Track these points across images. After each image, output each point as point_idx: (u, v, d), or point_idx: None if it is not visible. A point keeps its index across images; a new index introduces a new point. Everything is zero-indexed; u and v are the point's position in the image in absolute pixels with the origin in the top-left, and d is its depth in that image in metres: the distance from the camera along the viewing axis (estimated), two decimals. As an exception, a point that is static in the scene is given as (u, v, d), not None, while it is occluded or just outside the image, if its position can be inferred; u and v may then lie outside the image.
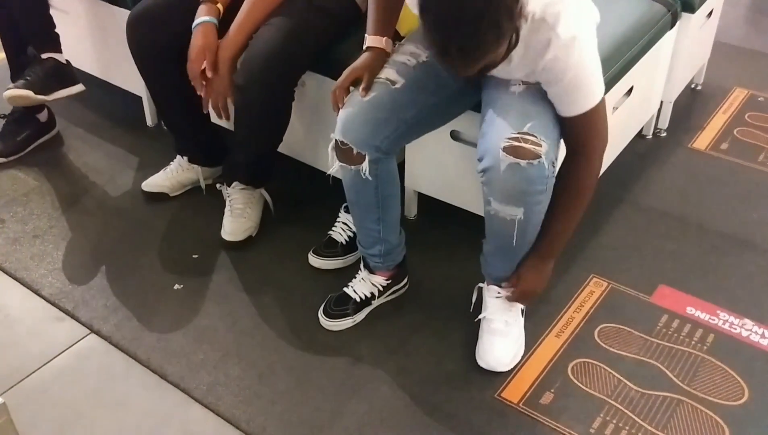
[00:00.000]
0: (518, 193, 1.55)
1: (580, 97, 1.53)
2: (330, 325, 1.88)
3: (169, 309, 1.95)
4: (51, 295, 1.98)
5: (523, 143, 1.50)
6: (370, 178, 1.69)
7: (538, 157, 1.50)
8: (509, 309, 1.79)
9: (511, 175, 1.52)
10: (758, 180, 2.37)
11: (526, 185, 1.54)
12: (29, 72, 2.30)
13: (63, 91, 2.36)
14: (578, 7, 1.48)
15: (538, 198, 1.57)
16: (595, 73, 1.53)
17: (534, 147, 1.50)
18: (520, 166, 1.51)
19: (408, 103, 1.68)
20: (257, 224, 2.15)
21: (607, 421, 1.66)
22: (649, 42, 2.12)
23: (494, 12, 1.28)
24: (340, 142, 1.68)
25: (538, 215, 1.61)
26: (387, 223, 1.81)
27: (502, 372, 1.76)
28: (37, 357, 1.82)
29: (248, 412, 1.69)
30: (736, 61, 2.99)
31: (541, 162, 1.51)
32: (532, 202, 1.57)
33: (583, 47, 1.48)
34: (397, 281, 1.93)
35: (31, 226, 2.20)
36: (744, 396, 1.71)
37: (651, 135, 2.56)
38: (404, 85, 1.67)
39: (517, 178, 1.52)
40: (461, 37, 1.30)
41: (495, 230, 1.66)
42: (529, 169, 1.51)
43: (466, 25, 1.29)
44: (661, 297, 1.96)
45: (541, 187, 1.55)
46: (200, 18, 1.93)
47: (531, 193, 1.55)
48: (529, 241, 1.68)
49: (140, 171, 2.39)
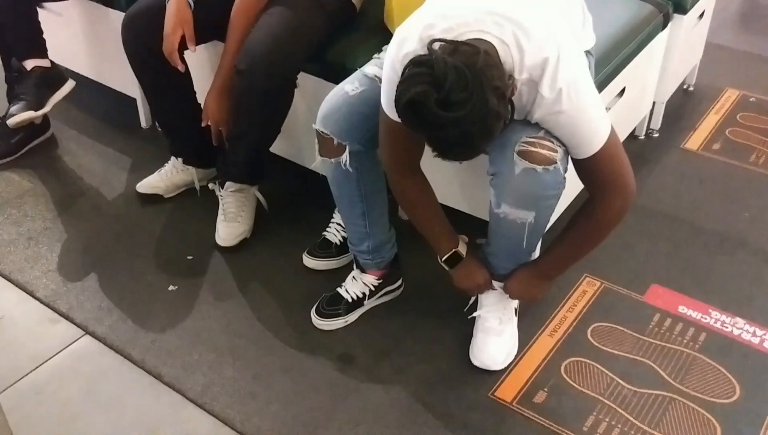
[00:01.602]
0: (532, 198, 1.52)
1: (584, 141, 1.47)
2: (322, 325, 1.89)
3: (164, 310, 1.95)
4: (45, 297, 1.98)
5: (539, 148, 1.46)
6: (350, 171, 1.71)
7: (554, 163, 1.46)
8: (503, 307, 1.80)
9: (525, 179, 1.48)
10: (750, 180, 2.38)
11: (541, 190, 1.50)
12: (21, 91, 2.32)
13: (57, 96, 2.37)
14: (563, 52, 1.38)
15: (550, 202, 1.55)
16: (595, 113, 1.47)
17: (550, 152, 1.46)
18: (536, 172, 1.46)
19: None
20: (251, 227, 2.16)
21: (600, 419, 1.67)
22: (642, 43, 2.13)
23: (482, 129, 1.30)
24: (320, 132, 1.70)
25: (548, 218, 1.60)
26: (372, 218, 1.81)
27: (496, 371, 1.77)
28: (32, 358, 1.82)
29: (243, 412, 1.69)
30: (727, 62, 3.01)
31: (556, 168, 1.47)
32: (545, 206, 1.55)
33: (573, 95, 1.40)
34: (389, 282, 1.93)
35: (26, 228, 2.21)
36: (735, 394, 1.73)
37: (643, 135, 2.57)
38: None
39: (531, 183, 1.48)
40: (459, 153, 1.35)
41: (503, 232, 1.63)
42: (545, 174, 1.47)
43: (459, 140, 1.31)
44: (654, 296, 1.97)
45: (555, 191, 1.52)
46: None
47: (545, 198, 1.53)
48: (536, 241, 1.68)
49: (134, 172, 2.40)
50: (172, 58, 1.98)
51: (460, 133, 1.28)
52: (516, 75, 1.37)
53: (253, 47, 1.90)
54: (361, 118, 1.68)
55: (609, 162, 1.50)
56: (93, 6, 2.45)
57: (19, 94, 2.32)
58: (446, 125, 1.27)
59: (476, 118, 1.27)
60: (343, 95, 1.68)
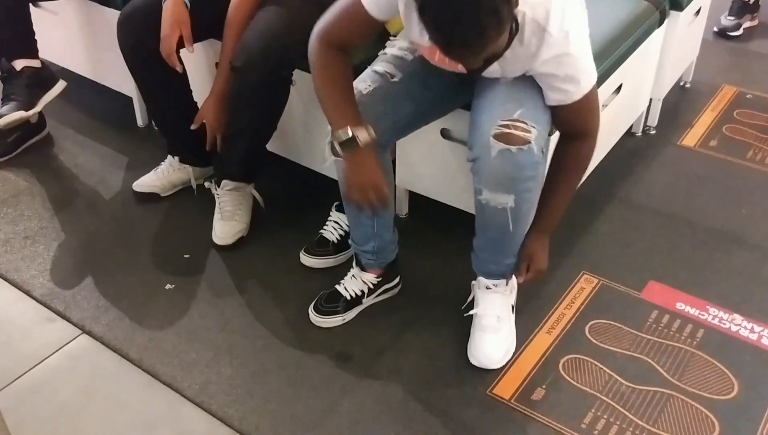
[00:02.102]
0: (508, 180, 1.57)
1: (580, 84, 1.55)
2: (320, 322, 1.88)
3: (161, 309, 1.95)
4: (42, 296, 1.97)
5: (513, 130, 1.53)
6: None
7: (528, 143, 1.53)
8: (501, 305, 1.80)
9: (501, 161, 1.54)
10: (747, 176, 2.39)
11: (517, 171, 1.55)
12: (11, 91, 2.32)
13: (47, 96, 2.37)
14: (565, 2, 1.48)
15: (528, 184, 1.58)
16: (589, 60, 1.55)
17: (524, 133, 1.52)
18: (511, 152, 1.53)
19: (406, 96, 1.69)
20: (248, 225, 2.15)
21: (598, 416, 1.67)
22: (638, 40, 2.13)
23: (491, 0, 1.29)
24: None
25: (528, 204, 1.63)
26: (381, 219, 1.81)
27: (494, 369, 1.77)
28: (29, 358, 1.81)
29: (241, 410, 1.69)
30: (724, 59, 3.01)
31: (530, 147, 1.53)
32: (522, 189, 1.59)
33: (577, 40, 1.50)
34: (387, 280, 1.93)
35: (22, 227, 2.20)
36: (734, 390, 1.73)
37: (640, 132, 2.57)
38: (402, 78, 1.69)
39: (507, 165, 1.54)
40: (463, 29, 1.30)
41: (486, 222, 1.67)
42: (519, 154, 1.53)
43: (466, 17, 1.28)
44: (652, 293, 1.97)
45: (531, 172, 1.57)
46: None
47: (521, 180, 1.57)
48: (520, 232, 1.69)
49: (131, 171, 2.39)
50: (170, 60, 1.97)
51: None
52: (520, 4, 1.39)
53: (249, 44, 1.90)
54: (378, 117, 1.66)
55: (593, 104, 1.59)
56: (89, 4, 2.44)
57: (9, 95, 2.31)
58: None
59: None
60: (359, 95, 1.66)
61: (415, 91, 1.70)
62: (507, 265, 1.77)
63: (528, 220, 1.68)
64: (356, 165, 1.61)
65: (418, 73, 1.69)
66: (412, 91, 1.69)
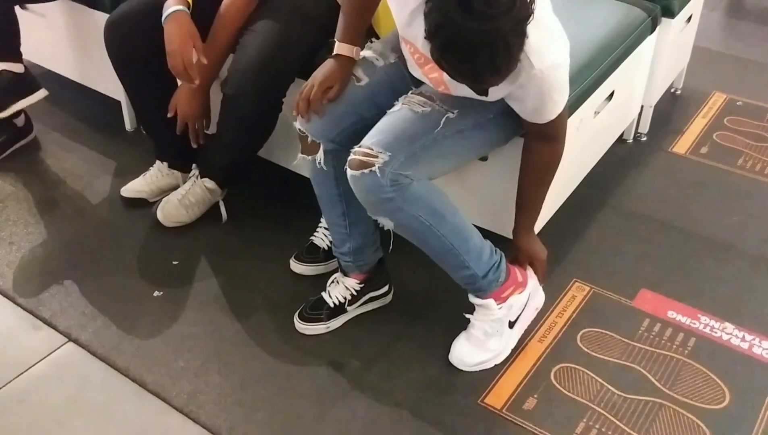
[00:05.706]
0: (368, 203, 1.62)
1: (548, 111, 1.59)
2: (304, 329, 1.87)
3: (149, 316, 1.92)
4: (27, 303, 1.95)
5: (358, 156, 1.58)
6: (326, 169, 1.73)
7: (370, 167, 1.56)
8: (491, 321, 1.78)
9: (354, 185, 1.61)
10: (738, 183, 2.39)
11: (366, 194, 1.60)
12: None
13: (21, 103, 2.33)
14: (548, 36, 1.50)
15: (390, 205, 1.59)
16: (564, 89, 1.58)
17: (368, 158, 1.56)
18: (356, 177, 1.59)
19: (368, 101, 1.72)
20: (191, 221, 2.17)
21: (590, 425, 1.66)
22: (630, 47, 2.12)
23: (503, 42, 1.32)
24: (299, 129, 1.73)
25: (413, 220, 1.62)
26: (352, 218, 1.81)
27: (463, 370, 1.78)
28: (14, 366, 1.79)
29: (229, 420, 1.67)
30: (715, 66, 3.01)
31: (373, 171, 1.55)
32: (389, 209, 1.60)
33: (554, 75, 1.52)
34: (372, 287, 1.91)
35: (8, 233, 2.17)
36: (725, 399, 1.72)
37: (632, 139, 2.57)
38: (368, 84, 1.72)
39: (358, 189, 1.61)
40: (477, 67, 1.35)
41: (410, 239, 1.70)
42: (363, 178, 1.57)
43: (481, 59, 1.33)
44: (643, 301, 1.97)
45: (385, 195, 1.57)
46: (171, 8, 1.89)
47: (380, 202, 1.60)
48: (439, 250, 1.68)
49: (119, 176, 2.37)
50: (190, 72, 1.90)
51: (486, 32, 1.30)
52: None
53: (240, 72, 1.89)
54: (335, 116, 1.70)
55: (562, 120, 1.64)
56: (77, 7, 2.42)
57: None
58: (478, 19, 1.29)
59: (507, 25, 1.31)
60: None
61: (379, 99, 1.71)
62: (467, 278, 1.73)
63: (436, 235, 1.65)
64: (325, 69, 1.70)
65: (385, 82, 1.73)
66: (376, 98, 1.72)
